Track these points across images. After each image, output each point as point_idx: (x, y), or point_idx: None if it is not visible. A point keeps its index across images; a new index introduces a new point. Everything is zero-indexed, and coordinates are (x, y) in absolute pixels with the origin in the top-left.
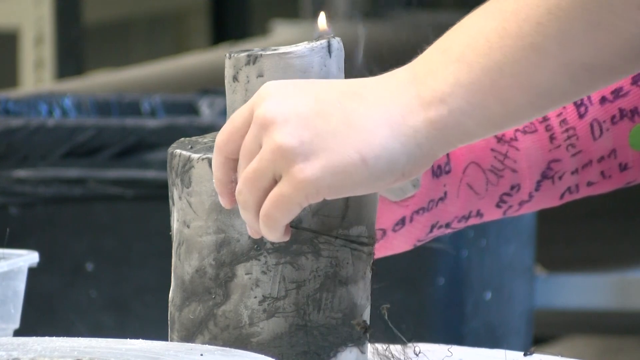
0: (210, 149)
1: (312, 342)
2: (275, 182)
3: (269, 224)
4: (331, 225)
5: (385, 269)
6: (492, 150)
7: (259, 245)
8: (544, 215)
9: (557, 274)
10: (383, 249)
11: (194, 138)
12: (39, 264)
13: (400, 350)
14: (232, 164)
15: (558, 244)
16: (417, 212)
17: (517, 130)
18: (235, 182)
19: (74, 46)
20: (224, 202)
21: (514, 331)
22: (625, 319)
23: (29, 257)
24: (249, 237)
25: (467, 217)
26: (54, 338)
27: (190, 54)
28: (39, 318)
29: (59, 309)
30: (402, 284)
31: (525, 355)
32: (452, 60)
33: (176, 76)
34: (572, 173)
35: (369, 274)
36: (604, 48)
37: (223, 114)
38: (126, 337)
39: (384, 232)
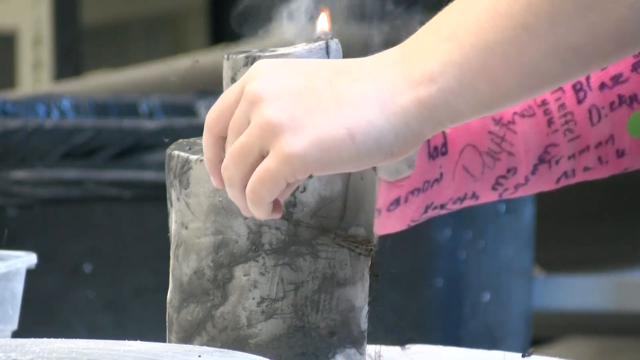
0: None
1: (310, 344)
2: (262, 158)
3: (255, 201)
4: (329, 226)
5: (383, 270)
6: (490, 132)
7: (257, 246)
8: (542, 216)
9: (556, 275)
10: (378, 229)
11: (192, 139)
12: (37, 265)
13: (398, 351)
14: (223, 142)
15: (556, 245)
16: (412, 192)
17: (515, 113)
18: None
19: (71, 47)
20: (215, 181)
21: (512, 332)
22: (623, 320)
23: (27, 259)
24: (247, 238)
25: (462, 199)
26: (52, 339)
27: (188, 55)
28: (37, 319)
29: (57, 310)
30: (400, 285)
31: (523, 356)
32: (443, 39)
33: (174, 77)
34: (569, 158)
35: (367, 275)
36: (595, 30)
37: None
38: (124, 339)
39: (379, 211)
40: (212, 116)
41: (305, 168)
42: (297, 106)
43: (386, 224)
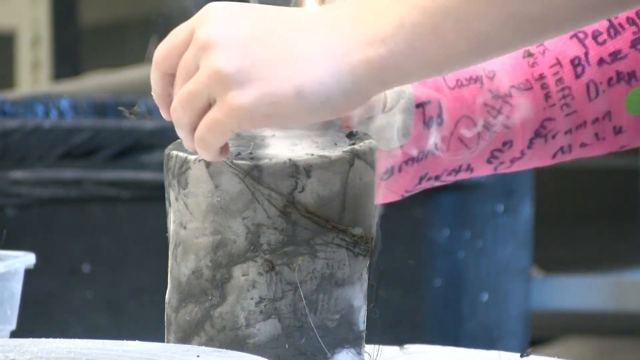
0: None
1: (308, 344)
2: (209, 105)
3: (202, 146)
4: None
5: (382, 270)
6: (486, 105)
7: (255, 246)
8: (540, 217)
9: (554, 275)
10: None
11: None
12: (36, 265)
13: (397, 351)
14: (170, 79)
15: (555, 246)
16: (406, 162)
17: (512, 86)
18: (172, 96)
19: (70, 47)
20: (163, 114)
21: (510, 332)
22: (621, 320)
23: (26, 259)
24: (246, 238)
25: (457, 171)
26: (51, 339)
27: None
28: (35, 319)
29: (56, 311)
30: (399, 285)
31: (521, 356)
32: (398, 1)
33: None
34: (566, 133)
35: (365, 276)
36: (551, 0)
37: None
38: (123, 339)
39: None
40: (160, 53)
41: (252, 121)
42: (246, 58)
43: (380, 193)
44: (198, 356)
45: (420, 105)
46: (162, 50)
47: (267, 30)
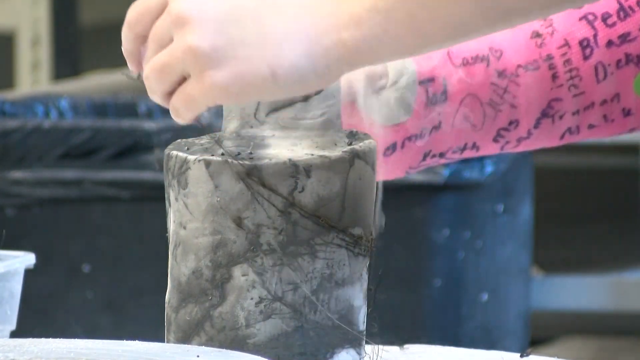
0: (207, 150)
1: (308, 344)
2: (183, 78)
3: (177, 116)
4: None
5: (382, 270)
6: (492, 84)
7: (255, 246)
8: (540, 217)
9: (554, 275)
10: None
11: (190, 139)
12: (36, 265)
13: (397, 351)
14: (142, 40)
15: (555, 246)
16: (409, 138)
17: (519, 66)
18: (142, 53)
19: (70, 47)
20: (131, 68)
21: (510, 333)
22: (621, 320)
23: (25, 259)
24: (245, 238)
25: (462, 149)
26: (51, 339)
27: None
28: (35, 319)
29: (56, 311)
30: (399, 285)
31: (521, 356)
32: None
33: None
34: (573, 114)
35: (365, 275)
36: None
37: (219, 116)
38: (123, 339)
39: None
40: (132, 15)
41: (227, 99)
42: (221, 36)
43: (383, 169)
44: (198, 356)
45: (423, 82)
46: (135, 13)
47: (243, 10)
